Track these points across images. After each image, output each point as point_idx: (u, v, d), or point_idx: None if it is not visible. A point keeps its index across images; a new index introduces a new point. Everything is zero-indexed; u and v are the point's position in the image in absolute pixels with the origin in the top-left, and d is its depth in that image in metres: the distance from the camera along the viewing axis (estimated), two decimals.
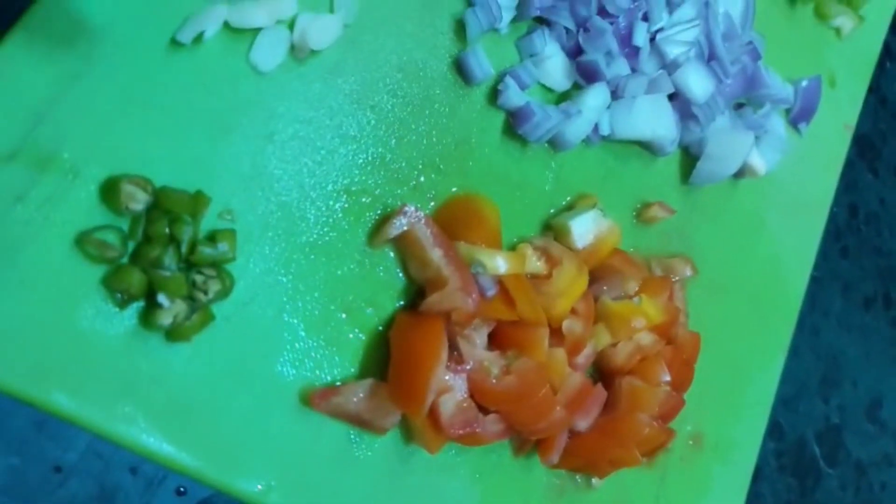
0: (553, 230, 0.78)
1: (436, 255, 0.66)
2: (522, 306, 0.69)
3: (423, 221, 0.67)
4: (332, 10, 0.67)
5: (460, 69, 0.75)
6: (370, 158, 0.69)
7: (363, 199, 0.68)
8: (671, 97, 0.84)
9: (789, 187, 1.00)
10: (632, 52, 0.80)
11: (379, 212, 0.69)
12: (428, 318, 0.66)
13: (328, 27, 0.66)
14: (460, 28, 0.75)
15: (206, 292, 0.57)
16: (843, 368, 1.09)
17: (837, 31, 1.07)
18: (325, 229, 0.66)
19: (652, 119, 0.82)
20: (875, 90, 1.15)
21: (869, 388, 1.11)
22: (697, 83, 0.83)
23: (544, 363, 0.69)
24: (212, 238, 0.59)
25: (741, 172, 0.91)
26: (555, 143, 0.79)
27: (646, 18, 0.81)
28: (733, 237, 0.93)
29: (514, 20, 0.78)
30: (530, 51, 0.78)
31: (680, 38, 0.82)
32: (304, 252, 0.65)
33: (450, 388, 0.65)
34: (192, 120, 0.61)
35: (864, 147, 1.15)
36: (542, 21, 0.79)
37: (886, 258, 1.16)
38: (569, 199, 0.81)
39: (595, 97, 0.78)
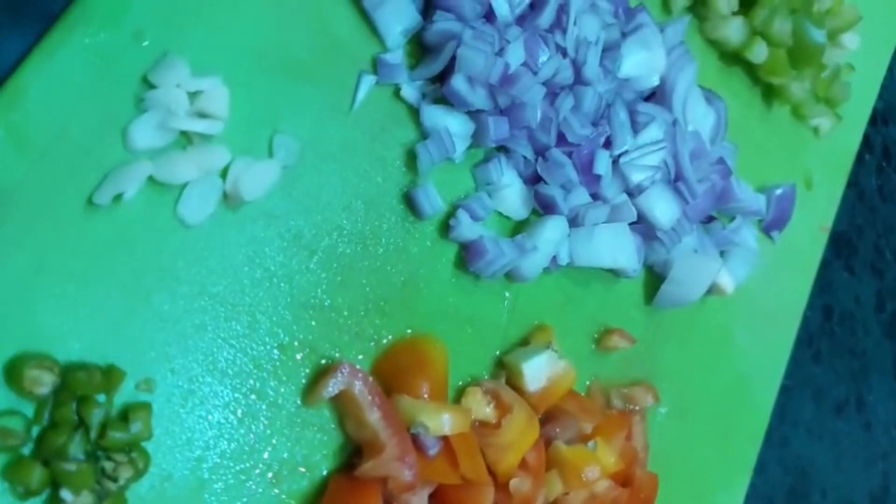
0: (506, 368, 0.74)
1: (373, 417, 0.63)
2: (466, 467, 0.65)
3: (360, 379, 0.63)
4: (270, 154, 0.63)
5: (410, 203, 0.71)
6: (308, 306, 0.65)
7: (298, 353, 0.64)
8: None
9: (760, 298, 0.96)
10: (593, 179, 0.76)
11: (314, 366, 0.65)
12: (363, 485, 0.62)
13: (265, 173, 0.62)
14: (411, 158, 0.71)
15: (116, 480, 0.53)
16: (811, 479, 1.06)
17: (815, 130, 1.04)
18: (255, 389, 0.62)
19: (613, 248, 0.78)
20: (853, 184, 1.12)
21: (838, 498, 1.08)
22: (662, 209, 0.80)
23: None
24: (125, 417, 0.55)
25: (708, 291, 0.87)
26: (510, 276, 0.75)
27: (609, 142, 0.78)
28: (699, 356, 0.90)
29: (471, 147, 0.74)
30: (486, 180, 0.74)
31: (644, 161, 0.79)
32: (230, 416, 0.61)
33: None
34: (110, 284, 0.57)
35: (840, 245, 1.11)
36: (499, 147, 0.75)
37: (860, 359, 1.13)
38: (524, 331, 0.77)
39: (553, 230, 0.74)
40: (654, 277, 0.86)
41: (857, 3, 1.08)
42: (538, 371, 0.73)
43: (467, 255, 0.72)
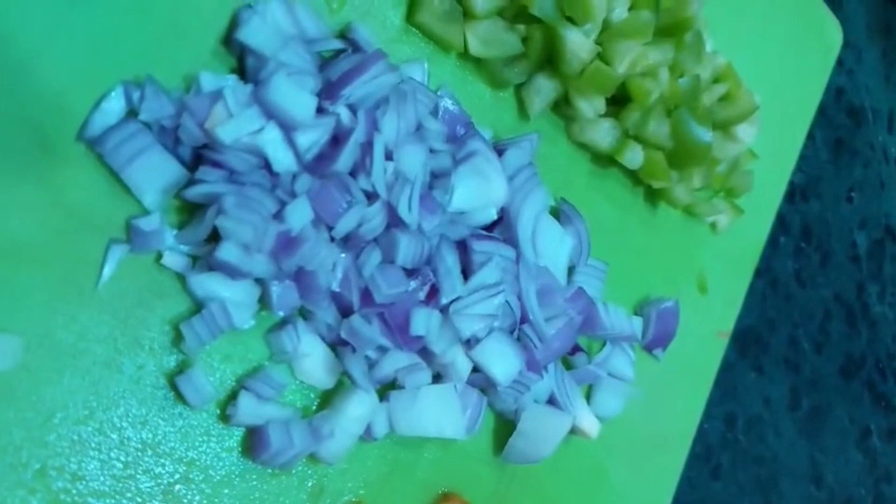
0: None
1: None
2: None
3: None
4: None
5: (176, 391, 0.60)
6: None
7: None
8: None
9: (642, 424, 0.86)
10: (411, 340, 0.66)
11: None
12: None
13: None
14: (179, 335, 0.60)
15: None
16: None
17: (713, 226, 0.93)
18: None
19: (438, 415, 0.68)
20: (765, 272, 1.02)
21: None
22: (499, 363, 0.69)
23: None
24: None
25: (572, 431, 0.77)
26: (313, 457, 0.65)
27: (435, 291, 0.67)
28: None
29: (263, 310, 0.63)
30: (281, 349, 0.63)
31: (479, 309, 0.68)
32: None
33: None
34: None
35: (746, 343, 1.01)
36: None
37: (769, 465, 1.03)
38: None
39: (357, 406, 0.64)
40: (504, 424, 0.75)
41: (772, 71, 0.97)
42: None
43: (250, 446, 0.62)
